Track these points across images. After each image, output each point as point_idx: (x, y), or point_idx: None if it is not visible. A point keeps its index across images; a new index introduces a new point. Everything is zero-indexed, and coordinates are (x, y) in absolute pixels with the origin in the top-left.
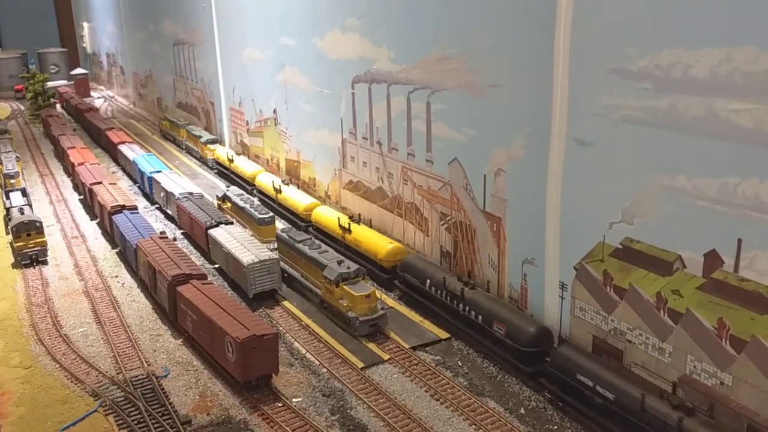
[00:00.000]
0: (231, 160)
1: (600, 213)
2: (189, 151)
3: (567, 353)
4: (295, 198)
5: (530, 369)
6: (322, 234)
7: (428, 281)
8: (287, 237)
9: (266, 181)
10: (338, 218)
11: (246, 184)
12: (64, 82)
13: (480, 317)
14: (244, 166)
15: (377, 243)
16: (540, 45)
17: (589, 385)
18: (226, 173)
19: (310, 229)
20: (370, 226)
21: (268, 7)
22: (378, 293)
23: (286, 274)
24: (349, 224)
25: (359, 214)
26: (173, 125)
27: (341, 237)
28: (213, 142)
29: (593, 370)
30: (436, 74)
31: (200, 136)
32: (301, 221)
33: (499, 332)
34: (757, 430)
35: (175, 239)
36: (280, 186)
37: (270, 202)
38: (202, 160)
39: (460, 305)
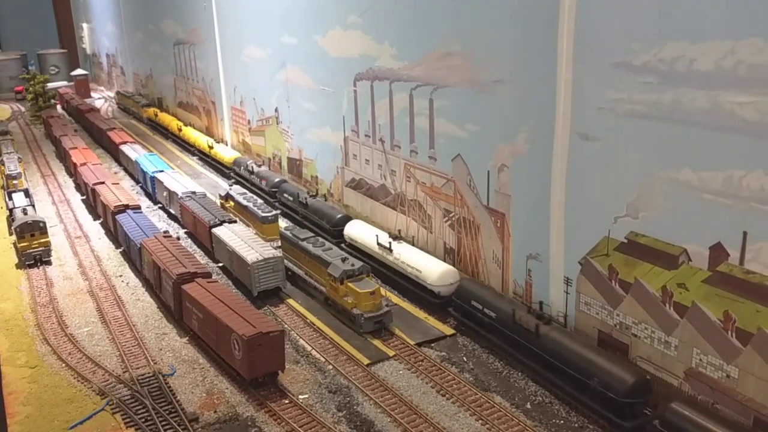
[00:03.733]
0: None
1: (605, 207)
2: (134, 116)
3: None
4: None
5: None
6: (201, 153)
7: None
8: (291, 235)
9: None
10: (207, 142)
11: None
12: (65, 83)
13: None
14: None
15: (224, 154)
16: (543, 39)
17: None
18: (155, 126)
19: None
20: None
21: (268, 6)
22: (383, 290)
23: (290, 272)
24: (212, 145)
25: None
26: (124, 97)
27: (208, 152)
28: (147, 105)
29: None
30: (439, 70)
31: (139, 102)
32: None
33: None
34: (763, 423)
35: (178, 238)
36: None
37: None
38: (141, 120)
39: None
